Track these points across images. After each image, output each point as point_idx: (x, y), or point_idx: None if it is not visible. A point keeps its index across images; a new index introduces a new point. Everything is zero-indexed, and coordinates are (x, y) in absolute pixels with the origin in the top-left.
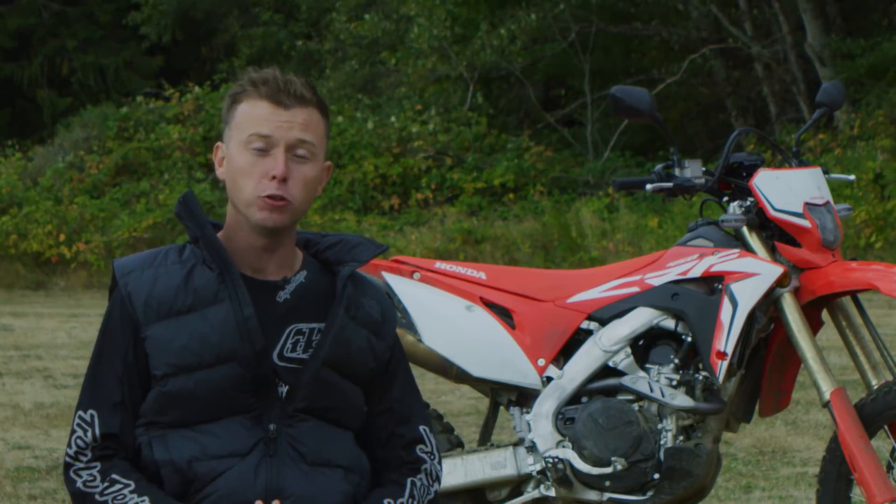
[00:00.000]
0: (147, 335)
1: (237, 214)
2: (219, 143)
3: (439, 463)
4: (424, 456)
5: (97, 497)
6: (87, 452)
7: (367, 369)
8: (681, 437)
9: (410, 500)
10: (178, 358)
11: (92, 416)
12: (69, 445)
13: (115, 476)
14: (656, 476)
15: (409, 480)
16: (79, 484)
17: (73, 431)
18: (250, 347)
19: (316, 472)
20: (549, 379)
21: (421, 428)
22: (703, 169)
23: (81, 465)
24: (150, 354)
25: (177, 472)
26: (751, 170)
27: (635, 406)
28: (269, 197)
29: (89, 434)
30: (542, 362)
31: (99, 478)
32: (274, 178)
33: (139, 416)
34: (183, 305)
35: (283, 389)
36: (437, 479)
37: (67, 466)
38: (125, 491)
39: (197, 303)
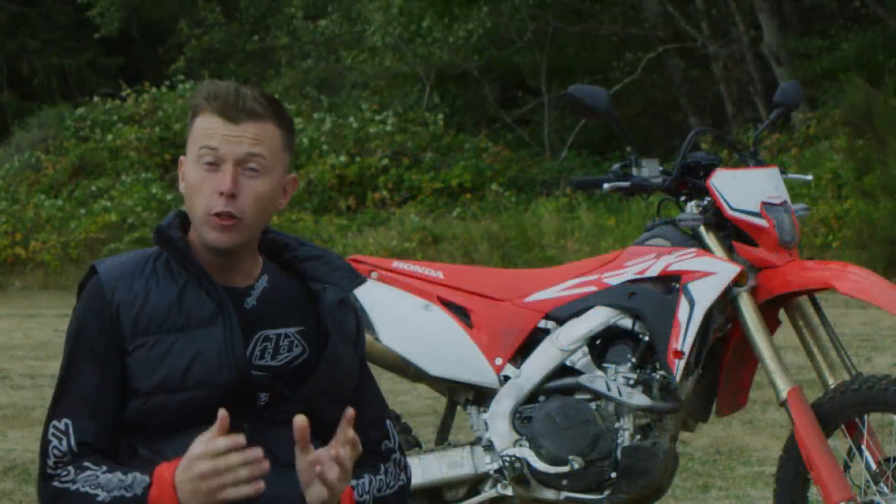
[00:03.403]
0: (132, 350)
1: (195, 231)
2: (182, 158)
3: (404, 457)
4: (389, 449)
5: (70, 487)
6: (65, 461)
7: (353, 387)
8: (638, 436)
9: (385, 477)
10: (164, 378)
11: (66, 424)
12: (47, 456)
13: (86, 464)
14: (613, 475)
15: (381, 464)
16: (56, 485)
17: (49, 441)
18: (236, 374)
19: (290, 472)
20: (507, 378)
21: (386, 423)
22: (661, 168)
23: (61, 473)
24: (133, 369)
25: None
26: (708, 169)
27: (592, 405)
28: (218, 215)
29: (65, 443)
30: (499, 361)
31: (73, 471)
32: (222, 194)
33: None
34: (174, 325)
35: (264, 397)
36: (405, 469)
37: (48, 478)
38: (97, 472)
39: (188, 324)
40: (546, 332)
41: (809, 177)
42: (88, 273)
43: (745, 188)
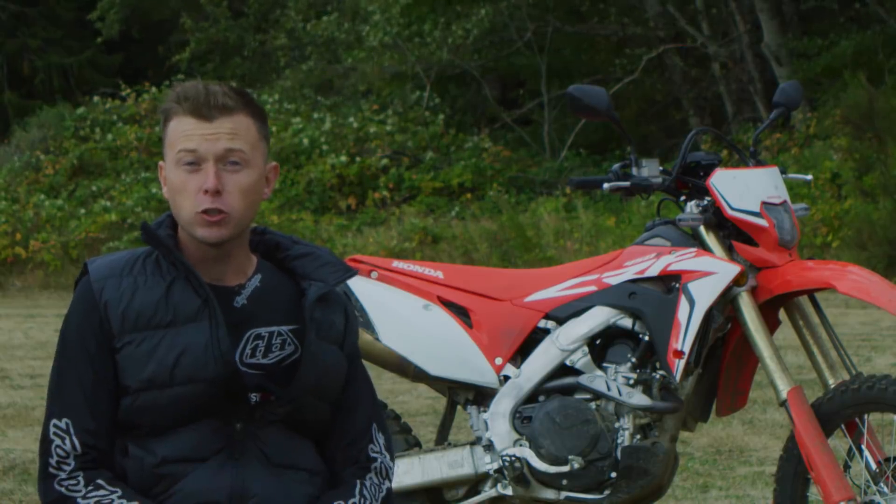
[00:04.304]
0: (121, 347)
1: (184, 231)
2: (161, 163)
3: (391, 459)
4: (374, 455)
5: (79, 500)
6: (69, 461)
7: (340, 386)
8: (638, 436)
9: (361, 499)
10: (152, 373)
11: (67, 423)
12: (49, 455)
13: (100, 482)
14: (613, 475)
15: (357, 481)
16: (62, 490)
17: (51, 441)
18: (223, 368)
19: (281, 473)
20: (507, 378)
21: (373, 427)
22: (661, 168)
23: (64, 476)
24: (123, 366)
25: (143, 474)
26: (708, 169)
27: (592, 405)
28: (206, 213)
29: (67, 442)
30: (499, 361)
31: (83, 482)
32: (207, 192)
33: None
34: (162, 321)
35: (255, 396)
36: (388, 475)
37: (51, 477)
38: (112, 496)
39: (175, 320)
40: (546, 331)
41: (809, 177)
42: (82, 271)
43: (745, 188)
